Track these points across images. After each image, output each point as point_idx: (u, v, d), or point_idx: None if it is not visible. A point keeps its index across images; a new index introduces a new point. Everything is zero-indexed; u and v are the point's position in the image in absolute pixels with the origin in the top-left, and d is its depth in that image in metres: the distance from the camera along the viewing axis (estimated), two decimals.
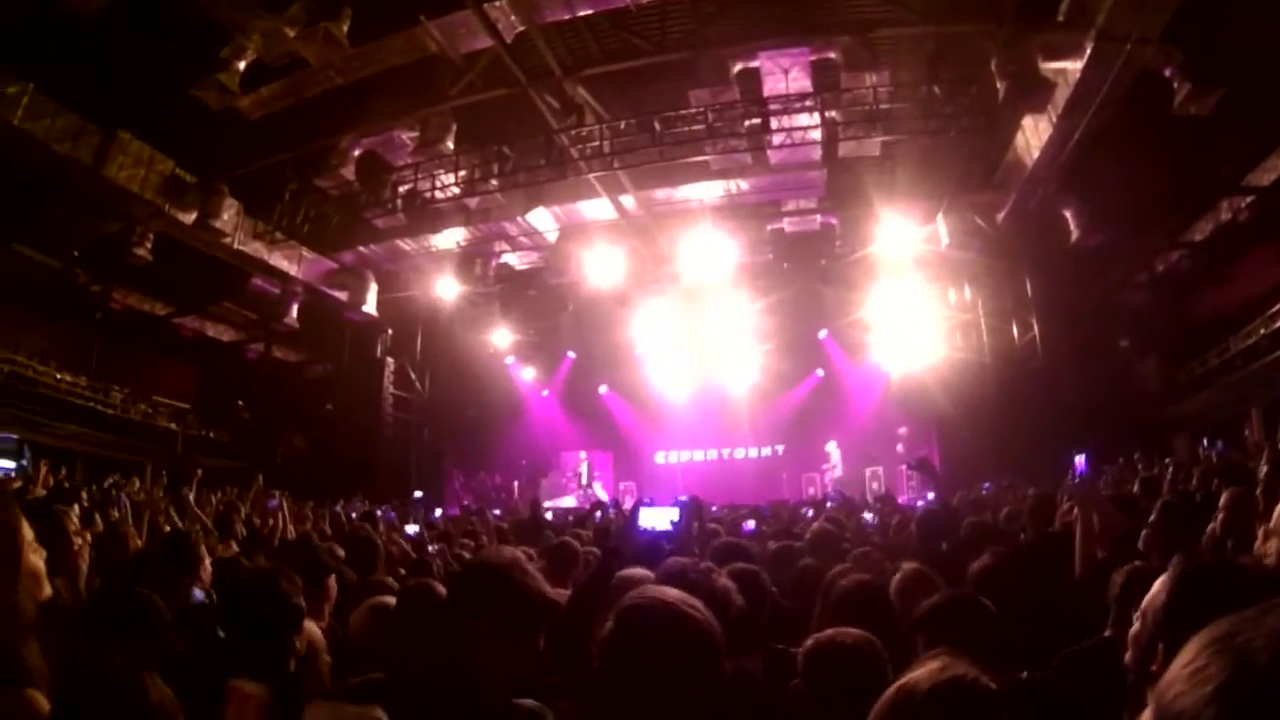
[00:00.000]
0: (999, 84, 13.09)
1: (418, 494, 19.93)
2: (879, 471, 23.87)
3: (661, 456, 27.50)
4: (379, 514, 11.76)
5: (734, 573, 3.73)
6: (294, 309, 21.57)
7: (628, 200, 18.67)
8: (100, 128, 16.14)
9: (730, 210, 18.96)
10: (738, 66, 15.50)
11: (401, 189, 18.73)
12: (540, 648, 2.46)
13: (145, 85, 15.21)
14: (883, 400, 23.01)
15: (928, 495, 18.10)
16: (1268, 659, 0.87)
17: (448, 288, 21.22)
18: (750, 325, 22.06)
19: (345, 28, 13.66)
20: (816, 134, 16.03)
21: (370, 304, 22.00)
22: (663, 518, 4.35)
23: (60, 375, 21.17)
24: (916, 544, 5.99)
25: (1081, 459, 12.49)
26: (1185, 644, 0.98)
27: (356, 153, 17.88)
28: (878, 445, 23.83)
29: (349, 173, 17.97)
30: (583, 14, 14.82)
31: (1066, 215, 17.32)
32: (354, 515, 11.52)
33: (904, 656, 3.06)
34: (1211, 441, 13.13)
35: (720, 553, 5.06)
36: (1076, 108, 13.89)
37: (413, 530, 10.32)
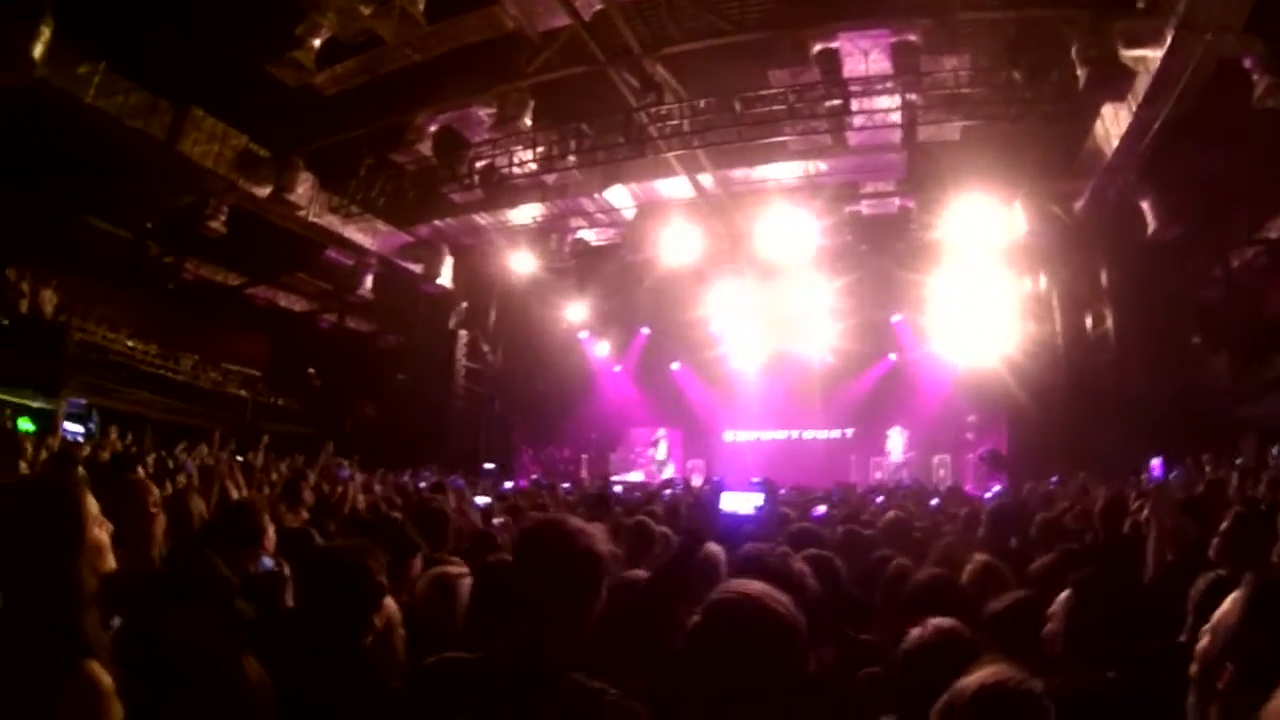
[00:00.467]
0: (1079, 71, 12.86)
1: (488, 466, 20.17)
2: (946, 459, 23.68)
3: (731, 435, 27.48)
4: (448, 483, 11.92)
5: (807, 559, 3.78)
6: (368, 280, 21.86)
7: (705, 179, 18.64)
8: (173, 104, 16.52)
9: (808, 191, 18.81)
10: (817, 47, 15.31)
11: (478, 165, 18.83)
12: (599, 613, 2.38)
13: (218, 63, 15.38)
14: (953, 387, 22.75)
15: (994, 486, 17.93)
16: None
17: (523, 262, 21.33)
18: (825, 306, 21.91)
19: (421, 5, 13.78)
20: (896, 116, 15.86)
21: (445, 277, 22.30)
22: (745, 502, 4.37)
23: (131, 343, 21.59)
24: (986, 537, 5.98)
25: (1158, 462, 12.23)
26: (1264, 666, 0.99)
27: (433, 128, 17.95)
28: (946, 432, 23.60)
29: (425, 148, 18.06)
30: None
31: (1144, 206, 16.94)
32: (423, 485, 11.67)
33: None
34: None
35: (795, 538, 5.11)
36: (1156, 97, 13.60)
37: (482, 501, 10.45)
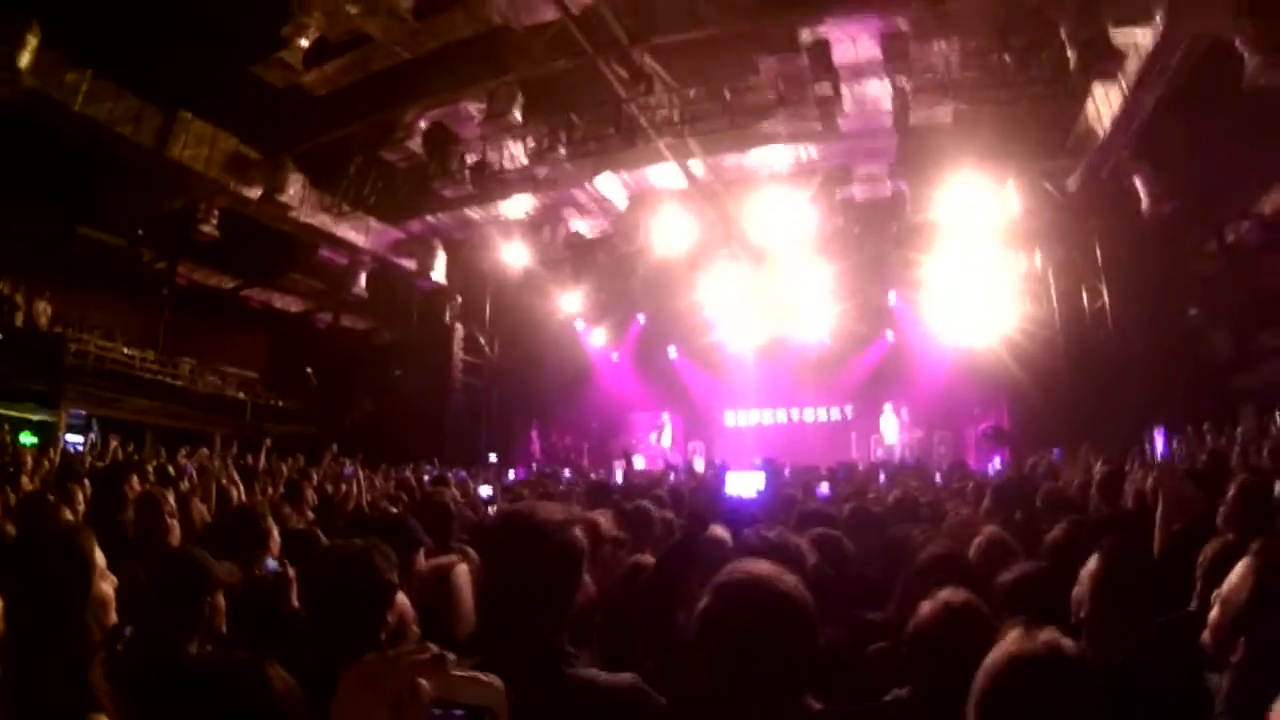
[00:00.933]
0: (1069, 52, 12.87)
1: (492, 457, 20.21)
2: (946, 436, 23.73)
3: (731, 418, 27.53)
4: (451, 475, 11.93)
5: (815, 538, 3.79)
6: (362, 278, 21.89)
7: (697, 166, 18.60)
8: (161, 109, 16.50)
9: (800, 176, 18.79)
10: (806, 35, 15.33)
11: (469, 159, 18.83)
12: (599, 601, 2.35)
13: (206, 66, 15.33)
14: (952, 365, 22.78)
15: (995, 461, 17.99)
16: None
17: (516, 255, 21.34)
18: (820, 289, 21.94)
19: (409, 2, 13.75)
20: (887, 102, 15.86)
21: (439, 272, 22.28)
22: (748, 484, 4.37)
23: (128, 350, 21.58)
24: (991, 510, 6.00)
25: (1160, 434, 12.25)
26: (1276, 639, 0.99)
27: (423, 125, 17.94)
28: (945, 410, 23.65)
29: (416, 145, 18.02)
30: None
31: (1138, 183, 16.98)
32: (426, 479, 11.68)
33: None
34: None
35: (803, 519, 5.13)
36: (1147, 77, 13.60)
37: (486, 492, 10.48)
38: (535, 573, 2.21)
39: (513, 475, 16.92)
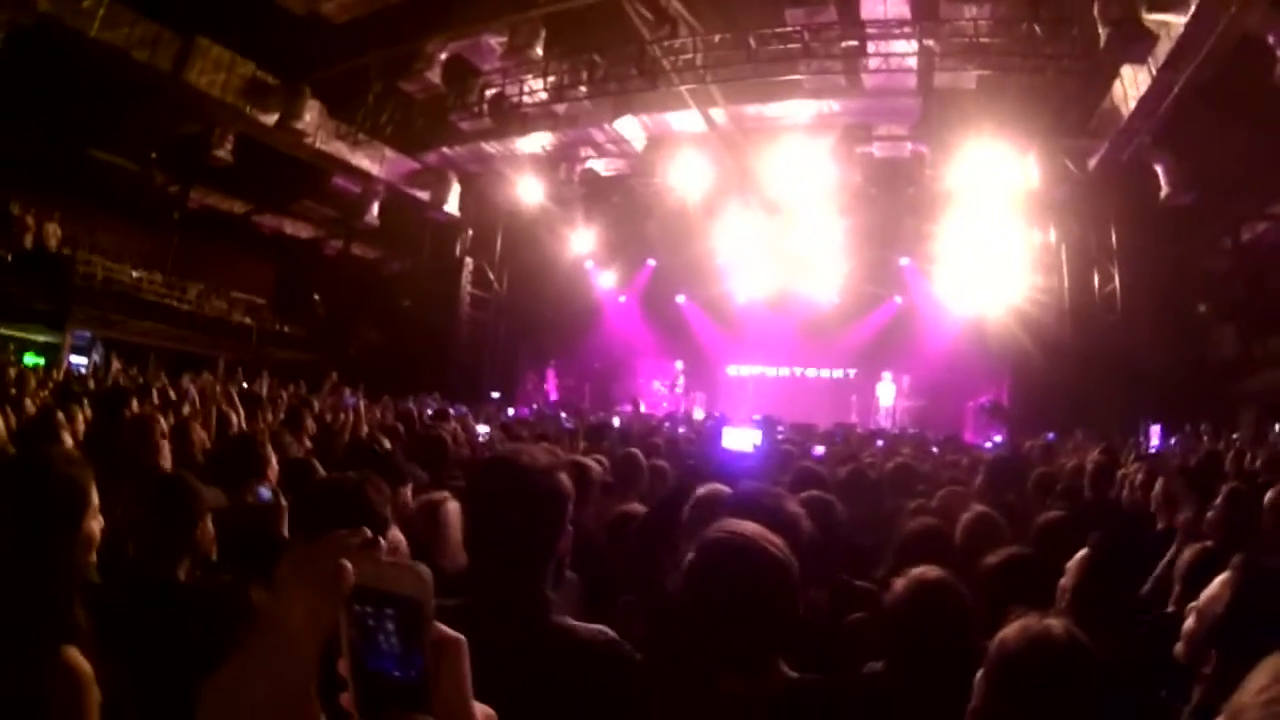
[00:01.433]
0: (1100, 29, 12.66)
1: (494, 395, 20.24)
2: (945, 406, 23.73)
3: (734, 370, 27.59)
4: (451, 409, 11.95)
5: (806, 500, 3.79)
6: (374, 207, 21.75)
7: (717, 114, 18.42)
8: (179, 34, 16.27)
9: (820, 130, 18.55)
10: None
11: (488, 93, 18.68)
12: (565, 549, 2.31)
13: None
14: (957, 335, 22.71)
15: (994, 437, 18.00)
16: None
17: (531, 191, 21.21)
18: (833, 245, 21.80)
19: None
20: (913, 61, 15.66)
21: (452, 204, 22.23)
22: (744, 439, 4.37)
23: (136, 273, 21.55)
24: (983, 488, 6.01)
25: (1157, 429, 12.26)
26: (1248, 655, 0.98)
27: (443, 56, 17.72)
28: (946, 380, 23.62)
29: (435, 76, 17.84)
30: None
31: (1158, 170, 16.81)
32: (428, 412, 11.69)
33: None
34: None
35: (797, 477, 5.13)
36: (1176, 63, 13.33)
37: (483, 430, 10.51)
38: (518, 518, 2.19)
39: (512, 413, 16.95)
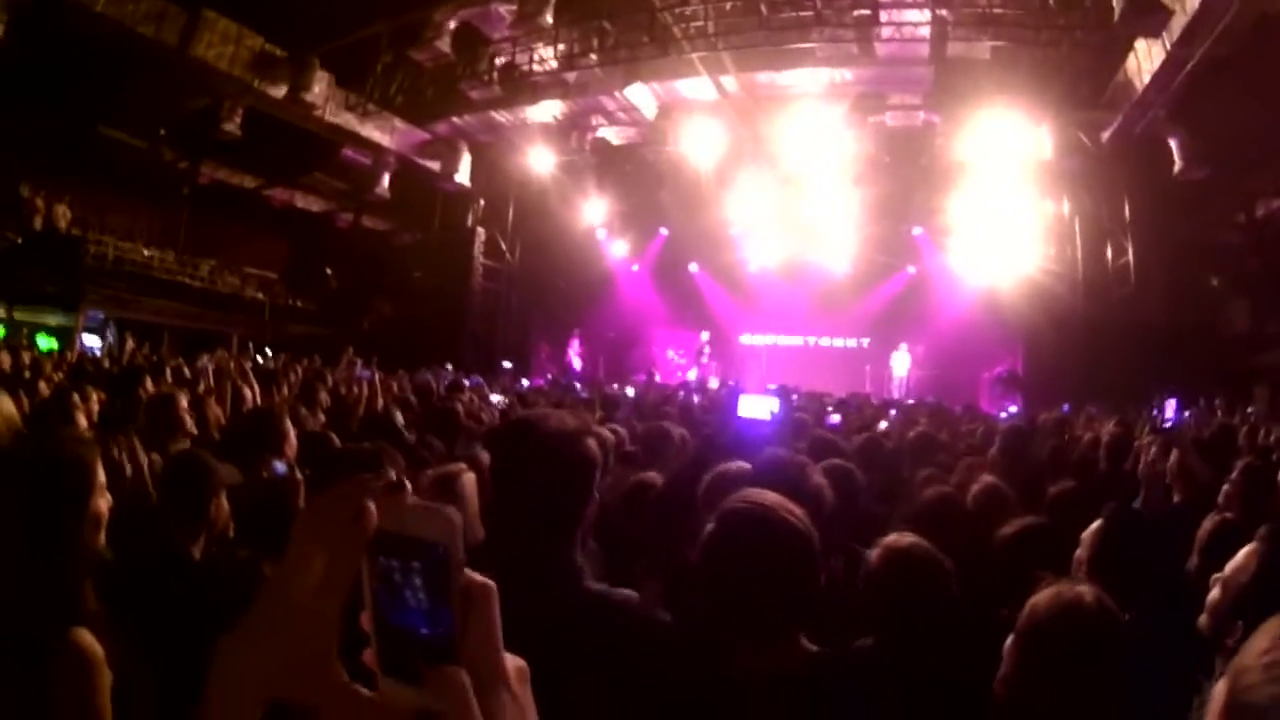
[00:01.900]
0: (1114, 2, 12.61)
1: (506, 364, 20.27)
2: (957, 375, 23.68)
3: (748, 339, 27.59)
4: (467, 383, 11.97)
5: (827, 469, 3.80)
6: (385, 179, 21.72)
7: (729, 81, 18.30)
8: (185, 8, 16.20)
9: (833, 98, 18.41)
10: None
11: (498, 62, 18.59)
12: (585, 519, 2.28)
13: None
14: (971, 305, 22.64)
15: (1009, 407, 17.98)
16: None
17: (542, 160, 21.16)
18: (846, 214, 21.72)
19: None
20: (925, 31, 15.55)
21: (463, 174, 22.12)
22: (761, 407, 4.36)
23: (148, 251, 21.53)
24: (997, 458, 6.03)
25: (1173, 403, 12.22)
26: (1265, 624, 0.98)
27: (452, 25, 17.63)
28: (960, 350, 23.56)
29: (444, 45, 17.73)
30: None
31: (1172, 144, 16.68)
32: (443, 383, 11.69)
33: (978, 570, 3.16)
34: None
35: (814, 446, 5.14)
36: (1192, 38, 13.24)
37: (498, 399, 10.54)
38: (548, 484, 2.16)
39: (526, 384, 16.98)
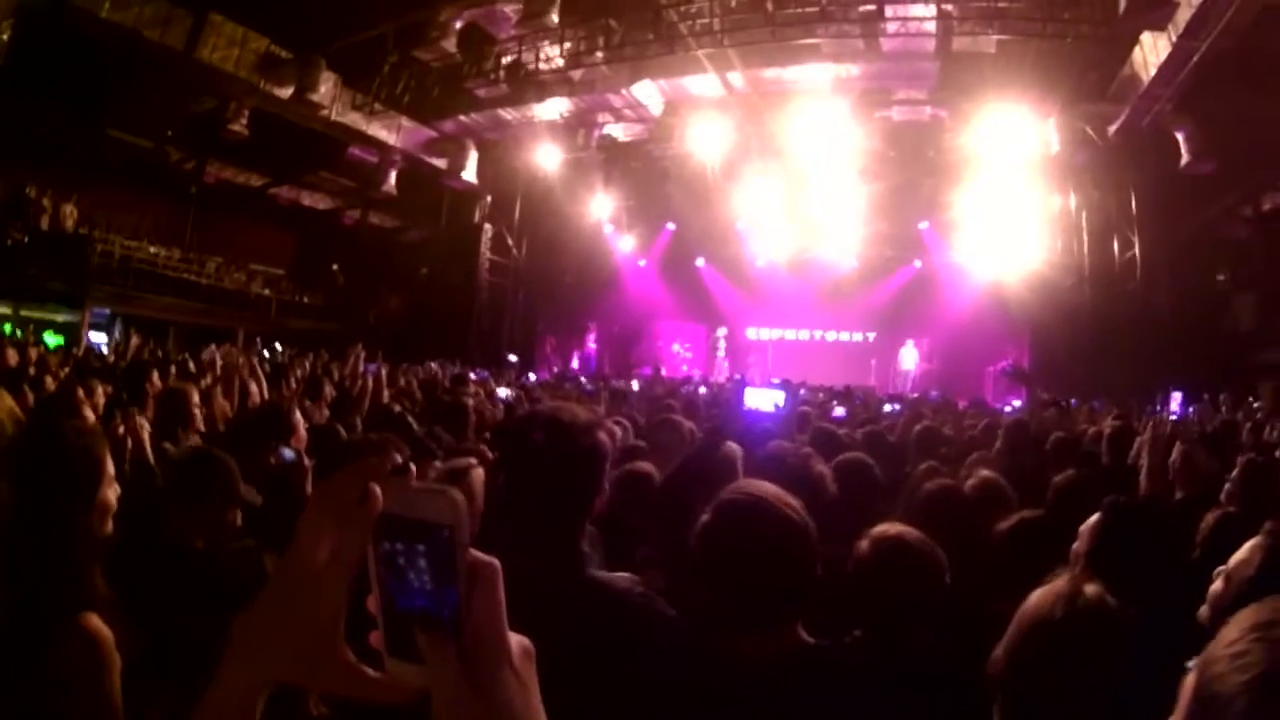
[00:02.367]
0: None
1: (512, 358, 20.30)
2: (963, 369, 23.68)
3: (754, 332, 27.71)
4: (473, 376, 12.00)
5: (844, 463, 3.80)
6: (392, 177, 21.81)
7: (735, 78, 18.32)
8: (191, 11, 16.23)
9: (839, 93, 18.41)
10: None
11: (504, 61, 18.63)
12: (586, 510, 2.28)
13: None
14: (977, 299, 22.63)
15: (1013, 401, 17.97)
16: None
17: (549, 156, 21.23)
18: (852, 209, 21.74)
19: None
20: (931, 25, 15.53)
21: (470, 171, 22.21)
22: (767, 400, 4.38)
23: (154, 249, 21.55)
24: (1001, 450, 6.03)
25: (1178, 396, 12.22)
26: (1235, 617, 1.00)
27: (458, 25, 17.74)
28: (967, 344, 23.55)
29: (450, 44, 17.89)
30: None
31: (1178, 138, 16.65)
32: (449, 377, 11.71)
33: (976, 563, 3.17)
34: None
35: (817, 438, 5.16)
36: (1198, 30, 13.24)
37: (504, 393, 10.56)
38: (561, 472, 2.18)
39: (533, 378, 17.03)
